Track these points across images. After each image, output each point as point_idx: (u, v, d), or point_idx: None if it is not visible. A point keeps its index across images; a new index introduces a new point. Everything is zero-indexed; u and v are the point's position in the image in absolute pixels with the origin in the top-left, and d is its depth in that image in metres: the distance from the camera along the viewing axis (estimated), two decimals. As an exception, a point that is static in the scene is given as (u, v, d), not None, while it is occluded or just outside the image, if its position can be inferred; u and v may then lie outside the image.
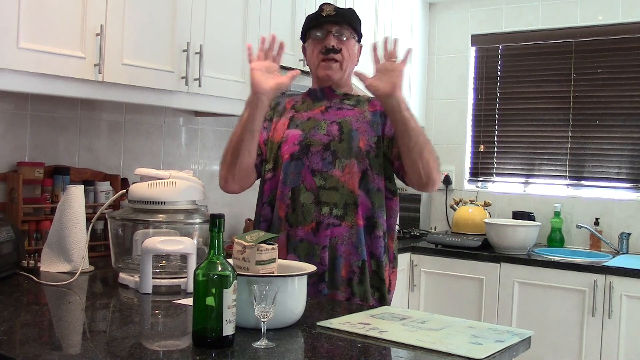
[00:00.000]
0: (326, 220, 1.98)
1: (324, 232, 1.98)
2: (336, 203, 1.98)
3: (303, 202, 2.00)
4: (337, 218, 1.98)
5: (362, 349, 1.43)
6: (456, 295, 3.54)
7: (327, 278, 1.98)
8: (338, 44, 2.06)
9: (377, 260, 2.03)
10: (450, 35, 4.37)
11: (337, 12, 2.07)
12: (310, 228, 1.99)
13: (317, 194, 1.99)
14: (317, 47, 2.08)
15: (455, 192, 4.28)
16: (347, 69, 2.11)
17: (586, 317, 3.19)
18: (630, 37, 3.76)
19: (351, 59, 2.10)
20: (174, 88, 2.51)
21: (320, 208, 1.99)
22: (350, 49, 2.09)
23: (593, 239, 3.73)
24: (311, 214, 1.99)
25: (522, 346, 1.55)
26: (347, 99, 2.11)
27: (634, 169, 3.76)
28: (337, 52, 2.06)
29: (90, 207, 2.43)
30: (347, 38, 2.08)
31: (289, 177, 2.02)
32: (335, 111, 2.08)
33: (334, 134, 2.03)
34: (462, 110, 4.29)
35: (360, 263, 1.99)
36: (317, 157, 2.01)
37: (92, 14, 2.19)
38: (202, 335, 1.36)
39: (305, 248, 1.98)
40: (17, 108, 2.44)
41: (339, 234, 1.98)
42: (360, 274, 1.98)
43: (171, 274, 2.02)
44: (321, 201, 1.99)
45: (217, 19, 2.68)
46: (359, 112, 2.07)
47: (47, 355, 1.35)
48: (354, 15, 2.13)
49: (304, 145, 2.03)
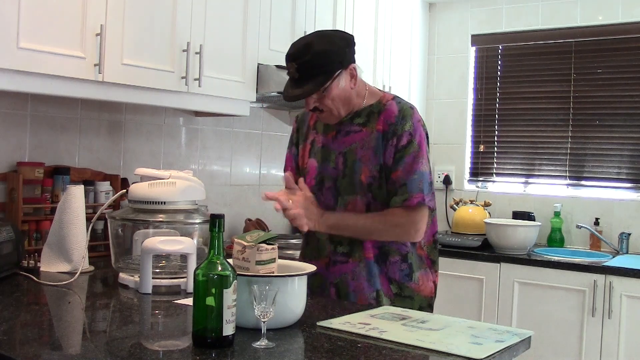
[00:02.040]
0: (333, 258, 2.01)
1: (332, 268, 2.01)
2: (341, 241, 1.99)
3: (319, 237, 2.03)
4: (343, 255, 2.00)
5: (362, 349, 1.43)
6: (456, 295, 3.54)
7: None
8: (319, 101, 1.93)
9: (397, 284, 2.01)
10: (450, 35, 4.37)
11: (300, 74, 1.88)
12: (324, 263, 2.01)
13: None
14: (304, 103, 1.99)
15: (455, 192, 4.28)
16: (342, 105, 1.96)
17: (586, 317, 3.19)
18: (630, 37, 3.75)
19: (340, 98, 1.94)
20: (174, 88, 2.51)
21: (333, 245, 2.01)
22: (334, 93, 1.92)
23: (593, 239, 3.73)
24: (325, 250, 2.02)
25: (522, 346, 1.55)
26: (357, 116, 2.01)
27: (634, 169, 3.76)
28: (321, 111, 1.96)
29: (90, 207, 2.43)
30: (324, 91, 1.90)
31: None
32: (344, 137, 2.02)
33: (340, 168, 2.00)
34: (462, 110, 4.29)
35: (374, 294, 1.98)
36: (328, 194, 2.01)
37: (92, 14, 2.19)
38: (202, 335, 1.36)
39: (318, 281, 2.00)
40: (17, 108, 2.44)
41: (347, 270, 1.99)
42: (377, 304, 1.96)
43: (171, 274, 2.02)
44: (333, 238, 2.01)
45: (217, 19, 2.67)
46: (366, 134, 1.98)
47: (47, 355, 1.35)
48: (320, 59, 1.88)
49: (319, 180, 2.03)
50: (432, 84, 4.40)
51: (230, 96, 2.76)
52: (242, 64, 2.80)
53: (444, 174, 4.30)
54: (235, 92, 2.77)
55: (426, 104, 4.36)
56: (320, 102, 1.94)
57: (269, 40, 2.94)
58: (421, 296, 2.03)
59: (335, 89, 1.92)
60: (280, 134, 3.61)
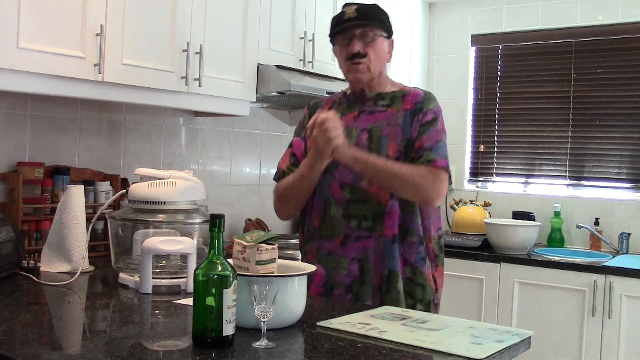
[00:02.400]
0: (355, 234, 1.99)
1: (352, 244, 1.99)
2: (365, 215, 1.99)
3: (333, 215, 2.01)
4: (367, 230, 1.98)
5: (362, 349, 1.43)
6: (456, 295, 3.54)
7: (354, 289, 1.98)
8: (363, 47, 2.00)
9: (412, 266, 2.01)
10: (450, 35, 4.37)
11: (359, 13, 1.99)
12: (338, 241, 2.00)
13: (346, 207, 1.99)
14: (343, 52, 2.04)
15: (455, 192, 4.28)
16: (377, 69, 2.05)
17: (586, 317, 3.19)
18: (630, 37, 3.75)
19: (380, 58, 2.04)
20: (174, 88, 2.51)
21: (349, 221, 1.99)
22: (378, 49, 2.02)
23: (593, 239, 3.73)
24: (339, 227, 2.00)
25: (522, 346, 1.55)
26: (381, 98, 2.06)
27: (634, 169, 3.76)
28: (362, 57, 2.00)
29: (90, 207, 2.43)
30: (373, 39, 2.01)
31: (322, 189, 2.03)
32: (367, 116, 2.05)
33: (363, 144, 2.00)
34: (462, 110, 4.29)
35: (387, 272, 1.98)
36: (346, 170, 2.00)
37: (92, 14, 2.20)
38: (202, 335, 1.36)
39: (332, 261, 2.00)
40: (17, 108, 2.44)
41: (370, 245, 1.98)
42: (388, 284, 1.97)
43: (171, 274, 2.02)
44: (349, 214, 1.99)
45: (217, 19, 2.68)
46: (391, 113, 2.03)
47: (47, 355, 1.35)
48: (378, 11, 2.06)
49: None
50: (432, 84, 4.39)
51: (230, 96, 2.76)
52: (242, 64, 2.80)
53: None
54: (235, 92, 2.77)
55: (426, 104, 4.35)
56: (363, 48, 2.00)
57: (269, 40, 2.94)
58: (430, 287, 2.03)
59: (380, 45, 2.03)
60: (280, 134, 3.61)
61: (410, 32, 4.13)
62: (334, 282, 2.00)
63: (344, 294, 1.98)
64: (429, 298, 2.03)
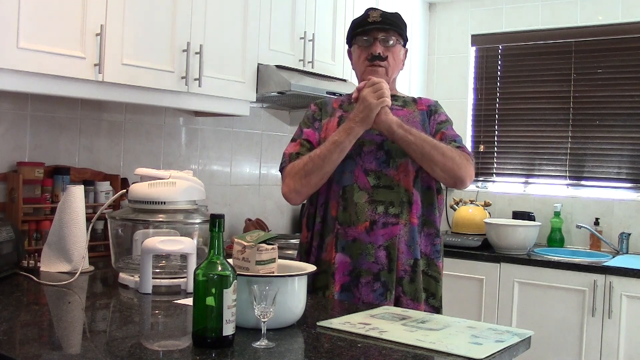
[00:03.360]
0: (382, 220, 1.98)
1: (379, 231, 1.98)
2: (392, 202, 1.99)
3: (357, 201, 2.00)
4: (394, 217, 1.98)
5: (362, 349, 1.43)
6: (456, 295, 3.54)
7: (382, 277, 1.97)
8: (384, 51, 2.06)
9: (427, 258, 2.03)
10: (450, 35, 4.37)
11: (383, 19, 2.06)
12: (364, 227, 1.98)
13: (371, 192, 1.99)
14: (363, 53, 2.08)
15: (455, 192, 4.28)
16: (394, 74, 2.12)
17: (586, 317, 3.19)
18: (630, 37, 3.75)
19: (397, 64, 2.11)
20: (174, 88, 2.51)
21: (375, 207, 1.99)
22: (396, 55, 2.09)
23: (593, 239, 3.73)
24: (365, 213, 1.98)
25: (522, 346, 1.55)
26: (395, 99, 2.09)
27: (634, 169, 3.76)
28: (383, 60, 2.06)
29: (90, 207, 2.43)
30: (393, 44, 2.08)
31: (340, 176, 2.02)
32: None
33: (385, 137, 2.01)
34: (462, 110, 4.29)
35: (412, 262, 1.99)
36: (370, 157, 2.01)
37: (92, 14, 2.20)
38: (202, 335, 1.36)
39: (358, 247, 1.98)
40: (17, 108, 2.44)
41: (397, 232, 1.98)
42: (412, 272, 1.98)
43: (171, 274, 2.02)
44: (375, 200, 1.99)
45: (217, 19, 2.68)
46: (408, 112, 2.09)
47: (47, 355, 1.35)
48: (400, 20, 2.12)
49: (357, 145, 2.01)
50: (432, 84, 4.40)
51: (230, 96, 2.76)
52: (242, 64, 2.80)
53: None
54: (235, 92, 2.77)
55: (426, 104, 4.36)
56: (384, 52, 2.07)
57: (269, 40, 2.94)
58: (442, 281, 2.06)
59: (398, 52, 2.12)
60: (280, 134, 3.61)
61: (410, 32, 4.11)
62: (361, 270, 1.98)
63: (372, 282, 1.96)
64: (441, 293, 2.06)
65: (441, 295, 2.06)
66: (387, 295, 1.96)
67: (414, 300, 1.98)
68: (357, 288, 1.97)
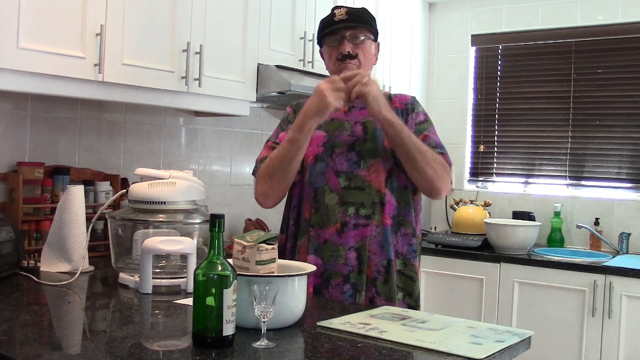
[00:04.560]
0: (352, 221, 1.97)
1: (349, 232, 1.97)
2: (363, 203, 1.98)
3: (328, 203, 1.99)
4: (365, 218, 1.97)
5: (362, 349, 1.43)
6: (456, 295, 3.54)
7: (352, 279, 1.97)
8: (354, 49, 2.03)
9: (403, 258, 2.02)
10: (450, 35, 4.37)
11: (349, 15, 2.03)
12: (335, 229, 1.98)
13: (342, 194, 1.98)
14: (333, 53, 2.06)
15: (455, 192, 4.28)
16: (368, 67, 2.08)
17: (586, 317, 3.19)
18: (630, 37, 3.76)
19: (368, 60, 2.08)
20: (174, 88, 2.51)
21: (346, 209, 1.98)
22: (367, 51, 2.06)
23: (593, 239, 3.73)
24: (336, 215, 1.98)
25: (522, 346, 1.55)
26: None
27: (634, 169, 3.76)
28: (353, 58, 2.03)
29: (90, 207, 2.43)
30: (363, 40, 2.05)
31: (313, 178, 2.02)
32: (359, 111, 2.07)
33: (358, 135, 2.02)
34: (462, 110, 4.29)
35: (385, 262, 1.98)
36: (341, 158, 2.01)
37: (92, 14, 2.19)
38: (202, 335, 1.36)
39: (330, 249, 1.98)
40: (17, 108, 2.44)
41: (368, 233, 1.97)
42: (386, 273, 1.97)
43: (171, 274, 2.02)
44: (346, 201, 1.98)
45: (217, 19, 2.68)
46: None
47: (47, 355, 1.35)
48: (368, 15, 2.09)
49: (328, 147, 2.02)
50: (432, 84, 4.40)
51: (230, 96, 2.76)
52: (242, 64, 2.80)
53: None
54: (235, 92, 2.77)
55: (426, 104, 4.36)
56: (354, 50, 2.03)
57: (269, 40, 2.94)
58: (419, 281, 2.05)
59: (369, 47, 2.07)
60: (280, 134, 3.60)
61: (410, 32, 4.13)
62: (332, 272, 1.97)
63: (342, 284, 1.96)
64: (418, 292, 2.04)
65: (418, 294, 2.05)
66: (356, 297, 1.96)
67: (389, 301, 1.97)
68: (328, 290, 1.97)
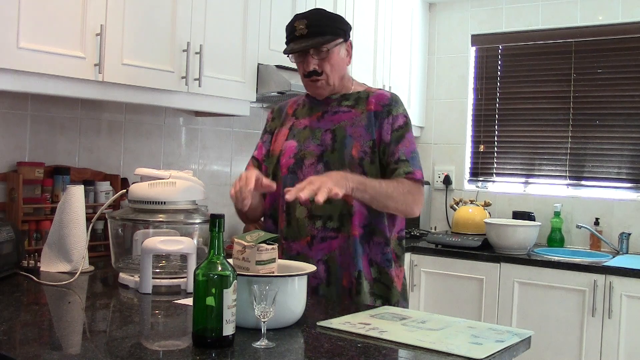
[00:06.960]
0: (320, 234, 1.97)
1: (318, 245, 1.97)
2: (331, 215, 1.96)
3: (298, 216, 1.99)
4: (333, 230, 1.96)
5: (362, 349, 1.43)
6: (456, 295, 3.54)
7: (321, 291, 1.97)
8: (319, 65, 1.98)
9: (378, 267, 2.00)
10: (450, 35, 4.37)
11: (309, 29, 1.93)
12: (306, 242, 1.98)
13: (311, 208, 1.96)
14: (300, 68, 2.03)
15: (455, 192, 4.28)
16: (337, 79, 2.03)
17: (586, 317, 3.19)
18: (630, 37, 3.75)
19: (338, 69, 2.02)
20: (174, 88, 2.51)
21: (314, 222, 1.97)
22: (334, 61, 1.99)
23: (593, 239, 3.73)
24: (305, 228, 1.98)
25: (522, 346, 1.55)
26: (345, 99, 2.06)
27: (634, 169, 3.76)
28: (319, 74, 1.99)
29: (90, 207, 2.43)
30: (328, 53, 1.97)
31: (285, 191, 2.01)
32: (331, 116, 2.04)
33: (327, 144, 2.00)
34: (462, 110, 4.29)
35: (356, 273, 1.96)
36: (311, 170, 1.98)
37: (92, 14, 2.20)
38: (202, 335, 1.36)
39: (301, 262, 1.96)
40: (17, 108, 2.44)
41: (336, 246, 1.97)
42: (357, 284, 1.96)
43: (171, 274, 2.02)
44: (314, 215, 1.97)
45: (217, 19, 2.68)
46: (355, 114, 2.01)
47: (47, 355, 1.35)
48: (329, 20, 2.00)
49: (299, 158, 2.01)
50: (432, 84, 4.40)
51: (230, 96, 2.76)
52: (242, 64, 2.80)
53: (444, 173, 4.30)
54: (235, 92, 2.77)
55: (426, 104, 4.36)
56: (319, 65, 1.98)
57: (269, 40, 2.94)
58: (396, 288, 2.02)
59: (336, 55, 2.00)
60: (280, 134, 3.60)
61: (410, 32, 4.13)
62: None
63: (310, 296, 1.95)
64: (395, 299, 2.01)
65: (398, 299, 2.01)
66: None
67: None
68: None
